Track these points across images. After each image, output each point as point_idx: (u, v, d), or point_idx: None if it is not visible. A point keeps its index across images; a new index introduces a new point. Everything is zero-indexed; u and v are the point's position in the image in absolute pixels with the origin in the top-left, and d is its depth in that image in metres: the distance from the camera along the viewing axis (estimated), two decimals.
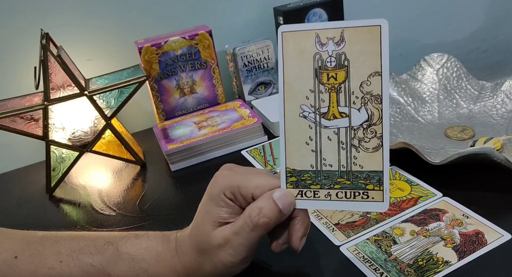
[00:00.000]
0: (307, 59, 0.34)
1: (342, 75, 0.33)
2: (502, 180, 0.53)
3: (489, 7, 1.04)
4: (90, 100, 0.63)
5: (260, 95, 0.83)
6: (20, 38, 0.72)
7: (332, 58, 0.33)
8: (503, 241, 0.45)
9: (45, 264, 0.39)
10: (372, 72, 0.33)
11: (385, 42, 0.32)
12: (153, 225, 0.56)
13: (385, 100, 0.33)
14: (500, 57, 1.11)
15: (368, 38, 0.32)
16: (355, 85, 0.33)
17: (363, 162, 0.34)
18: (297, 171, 0.35)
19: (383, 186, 0.34)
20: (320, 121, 0.34)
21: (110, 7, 0.75)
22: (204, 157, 0.68)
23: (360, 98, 0.33)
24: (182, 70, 0.75)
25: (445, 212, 0.50)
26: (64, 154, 0.67)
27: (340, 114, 0.34)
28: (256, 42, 0.79)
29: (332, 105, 0.34)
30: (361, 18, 0.93)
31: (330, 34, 0.33)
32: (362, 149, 0.34)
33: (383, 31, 0.32)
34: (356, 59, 0.33)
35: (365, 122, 0.33)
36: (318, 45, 0.33)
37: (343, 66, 0.33)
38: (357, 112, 0.33)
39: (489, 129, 0.65)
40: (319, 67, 0.34)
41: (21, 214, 0.63)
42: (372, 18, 0.32)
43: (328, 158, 0.34)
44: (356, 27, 0.32)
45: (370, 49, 0.32)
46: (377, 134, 0.33)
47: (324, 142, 0.34)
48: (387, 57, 0.32)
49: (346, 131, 0.34)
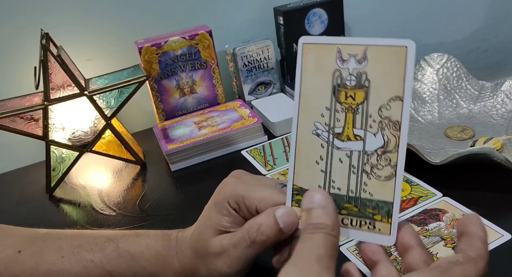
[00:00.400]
0: (326, 74, 0.32)
1: (361, 96, 0.31)
2: (502, 180, 0.53)
3: (489, 7, 1.04)
4: (90, 100, 0.63)
5: (260, 95, 0.83)
6: (20, 38, 0.72)
7: (353, 76, 0.31)
8: (503, 241, 0.45)
9: (47, 259, 0.40)
10: (393, 96, 0.30)
11: (411, 65, 0.30)
12: (153, 225, 0.56)
13: (404, 128, 0.30)
14: (500, 57, 1.11)
15: (393, 59, 0.30)
16: (374, 108, 0.31)
17: (374, 190, 0.32)
18: (304, 190, 0.33)
19: (392, 219, 0.31)
20: (333, 142, 0.32)
21: (110, 7, 0.75)
22: (204, 157, 0.68)
23: (378, 122, 0.31)
24: (182, 70, 0.75)
25: (445, 212, 0.50)
26: (64, 154, 0.67)
27: (355, 136, 0.32)
28: (256, 42, 0.79)
29: (347, 126, 0.32)
30: (361, 18, 0.94)
31: (353, 51, 0.31)
32: (373, 176, 0.32)
33: (409, 53, 0.30)
34: (378, 80, 0.30)
35: (380, 148, 0.31)
36: (339, 61, 0.31)
37: (363, 86, 0.31)
38: (373, 136, 0.31)
39: (489, 129, 0.65)
40: (337, 84, 0.31)
41: (21, 214, 0.63)
42: (400, 38, 0.30)
43: (337, 181, 0.32)
44: (381, 45, 0.30)
45: (393, 71, 0.30)
46: (392, 163, 0.31)
47: (334, 164, 0.32)
48: (411, 81, 0.30)
49: (359, 155, 0.32)
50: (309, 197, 0.31)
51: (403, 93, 0.30)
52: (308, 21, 0.81)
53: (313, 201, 0.31)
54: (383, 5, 0.94)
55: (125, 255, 0.40)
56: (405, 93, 0.30)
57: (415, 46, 0.29)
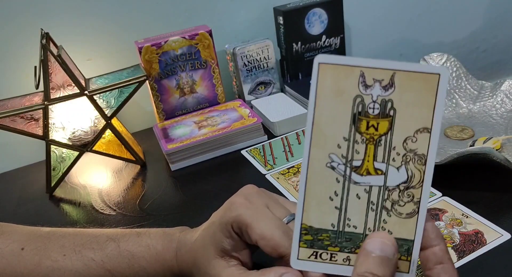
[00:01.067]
0: (345, 100, 0.28)
1: (384, 126, 0.28)
2: (502, 179, 0.53)
3: (489, 7, 1.04)
4: (90, 99, 0.63)
5: (260, 95, 0.83)
6: (20, 38, 0.72)
7: (376, 104, 0.28)
8: (503, 240, 0.45)
9: (49, 256, 0.40)
10: (421, 128, 0.28)
11: (442, 94, 0.27)
12: (153, 224, 0.56)
13: (430, 162, 0.28)
14: (500, 57, 1.11)
15: (423, 87, 0.27)
16: (398, 139, 0.28)
17: (393, 228, 0.29)
18: (314, 229, 0.30)
19: (411, 257, 0.29)
20: (351, 176, 0.29)
21: (110, 7, 0.75)
22: (204, 157, 0.68)
23: (402, 155, 0.28)
24: (182, 70, 0.75)
25: (444, 211, 0.50)
26: (64, 154, 0.67)
27: (376, 170, 0.29)
28: (256, 42, 0.79)
29: (367, 159, 0.29)
30: (361, 18, 0.94)
31: (378, 75, 0.28)
32: (394, 213, 0.29)
33: (442, 81, 0.27)
34: (405, 109, 0.28)
35: (402, 184, 0.29)
36: (362, 86, 0.28)
37: (388, 115, 0.28)
38: (396, 171, 0.29)
39: (488, 128, 0.65)
40: (358, 112, 0.28)
41: (21, 214, 0.63)
42: (435, 65, 0.28)
43: (353, 219, 0.30)
44: (411, 71, 0.28)
45: (423, 101, 0.28)
46: (415, 199, 0.29)
47: (351, 200, 0.29)
48: (441, 112, 0.28)
49: (379, 190, 0.29)
50: (378, 243, 0.28)
51: (432, 125, 0.28)
52: (308, 21, 0.81)
53: (383, 249, 0.27)
54: (383, 5, 0.94)
55: (125, 255, 0.40)
56: (434, 124, 0.28)
57: (449, 74, 0.28)
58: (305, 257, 0.30)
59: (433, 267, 0.27)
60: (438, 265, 0.27)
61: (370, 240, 0.28)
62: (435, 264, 0.27)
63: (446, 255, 0.27)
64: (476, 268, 0.42)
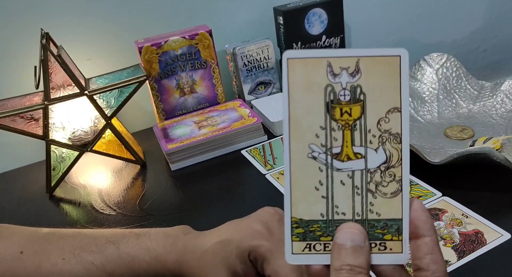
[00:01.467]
0: (317, 91, 0.29)
1: (357, 111, 0.29)
2: (502, 179, 0.53)
3: (489, 7, 1.04)
4: (90, 99, 0.63)
5: (260, 95, 0.83)
6: (20, 38, 0.72)
7: (346, 91, 0.29)
8: (503, 240, 0.45)
9: (49, 259, 0.40)
10: (391, 108, 0.29)
11: (405, 74, 0.29)
12: (153, 224, 0.56)
13: (405, 140, 0.29)
14: (500, 57, 1.11)
15: (386, 70, 0.29)
16: (372, 122, 0.29)
17: (381, 209, 0.30)
18: (304, 221, 0.30)
19: (402, 236, 0.30)
20: (332, 163, 0.30)
21: (110, 7, 0.75)
22: (204, 157, 0.68)
23: (378, 136, 0.29)
24: (182, 69, 0.75)
25: (444, 211, 0.50)
26: (64, 154, 0.67)
27: (355, 154, 0.30)
28: (256, 42, 0.79)
29: (346, 145, 0.30)
30: (361, 18, 0.94)
31: (344, 64, 0.29)
32: (379, 194, 0.30)
33: (403, 62, 0.29)
34: (373, 92, 0.29)
35: (383, 164, 0.30)
36: (330, 76, 0.29)
37: (359, 100, 0.29)
38: (374, 152, 0.30)
39: (488, 128, 0.65)
40: (331, 100, 0.29)
41: (21, 214, 0.63)
42: (392, 47, 0.28)
43: (341, 206, 0.30)
44: (373, 56, 0.29)
45: (389, 82, 0.29)
46: (396, 178, 0.29)
47: (336, 187, 0.30)
48: (407, 91, 0.29)
49: (361, 174, 0.30)
50: (347, 234, 0.28)
51: (401, 104, 0.29)
52: (308, 21, 0.81)
53: (353, 239, 0.28)
54: (383, 5, 0.94)
55: (125, 257, 0.40)
56: (403, 103, 0.29)
57: (408, 55, 0.28)
58: (299, 250, 0.31)
59: (423, 257, 0.28)
60: (428, 255, 0.28)
61: (338, 233, 0.29)
62: (426, 254, 0.28)
63: (437, 246, 0.28)
64: (476, 268, 0.42)
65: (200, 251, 0.39)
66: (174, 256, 0.40)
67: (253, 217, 0.40)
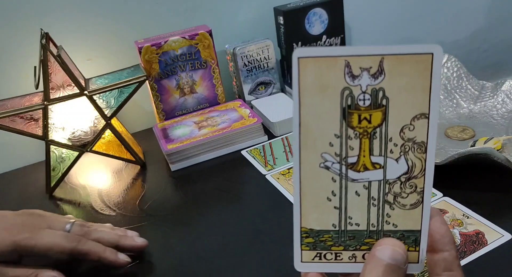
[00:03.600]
0: (332, 95, 0.26)
1: (378, 117, 0.26)
2: (502, 180, 0.53)
3: (490, 7, 1.04)
4: (90, 100, 0.63)
5: (260, 95, 0.83)
6: (20, 38, 0.72)
7: (367, 95, 0.26)
8: (504, 241, 0.45)
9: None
10: (417, 114, 0.26)
11: (437, 75, 0.25)
12: (153, 225, 0.56)
13: (430, 149, 0.26)
14: (501, 57, 1.11)
15: (416, 69, 0.25)
16: (394, 130, 0.26)
17: (398, 220, 0.28)
18: (315, 232, 0.29)
19: (420, 247, 0.28)
20: (347, 173, 0.27)
21: (110, 6, 0.75)
22: (204, 157, 0.68)
23: (400, 146, 0.27)
24: (182, 70, 0.75)
25: (445, 212, 0.50)
26: (64, 154, 0.67)
27: (373, 165, 0.27)
28: (256, 42, 0.79)
29: (363, 154, 0.27)
30: (361, 18, 0.94)
31: (365, 63, 0.25)
32: (397, 206, 0.28)
33: (436, 60, 0.25)
34: (398, 96, 0.26)
35: (403, 175, 0.27)
36: (349, 78, 0.26)
37: (380, 105, 0.26)
38: (395, 162, 0.27)
39: (489, 129, 0.65)
40: (348, 106, 0.26)
41: None
42: (425, 43, 0.25)
43: (355, 217, 0.28)
44: (401, 54, 0.25)
45: (417, 85, 0.25)
46: (418, 189, 0.27)
47: (350, 198, 0.28)
48: (438, 95, 0.25)
49: (379, 185, 0.27)
50: (389, 250, 0.27)
51: (429, 109, 0.26)
52: (308, 21, 0.80)
53: (394, 257, 0.26)
54: (383, 5, 0.94)
55: None
56: (431, 108, 0.26)
57: (442, 52, 0.25)
58: (309, 259, 0.29)
59: (441, 274, 0.26)
60: (447, 272, 0.26)
61: (380, 247, 0.27)
62: (444, 271, 0.26)
63: (456, 262, 0.27)
64: (477, 268, 0.42)
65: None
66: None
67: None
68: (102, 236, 0.48)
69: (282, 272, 0.45)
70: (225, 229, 0.53)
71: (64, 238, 0.45)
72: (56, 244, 0.44)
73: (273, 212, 0.55)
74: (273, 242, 0.50)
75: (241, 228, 0.53)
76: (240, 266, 0.48)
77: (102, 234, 0.49)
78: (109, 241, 0.48)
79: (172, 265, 0.49)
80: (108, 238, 0.48)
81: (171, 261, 0.50)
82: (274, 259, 0.47)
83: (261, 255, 0.48)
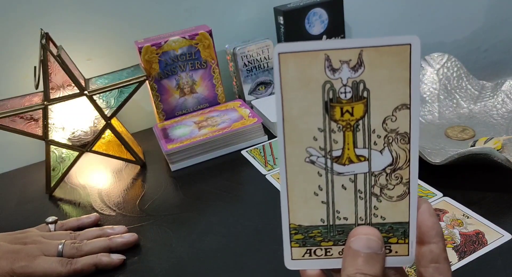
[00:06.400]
0: (314, 89, 0.26)
1: (360, 109, 0.26)
2: (502, 180, 0.53)
3: (490, 7, 1.04)
4: (90, 100, 0.63)
5: (260, 95, 0.83)
6: (20, 38, 0.72)
7: (347, 87, 0.26)
8: (504, 241, 0.45)
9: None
10: (399, 105, 0.26)
11: (416, 66, 0.25)
12: (153, 225, 0.56)
13: (413, 139, 0.27)
14: (501, 57, 1.11)
15: (395, 61, 0.26)
16: (377, 121, 0.26)
17: (386, 213, 0.28)
18: (303, 228, 0.29)
19: (409, 239, 0.28)
20: (332, 167, 0.27)
21: (110, 6, 0.75)
22: (204, 157, 0.68)
23: (383, 137, 0.27)
24: (182, 70, 0.75)
25: (445, 212, 0.50)
26: (64, 154, 0.67)
27: (358, 157, 0.27)
28: (256, 42, 0.79)
29: (347, 147, 0.27)
30: (361, 18, 0.94)
31: (345, 56, 0.26)
32: (384, 198, 0.28)
33: (414, 51, 0.25)
34: (379, 88, 0.26)
35: (388, 166, 0.27)
36: (329, 71, 0.26)
37: (362, 98, 0.26)
38: (379, 154, 0.27)
39: (489, 129, 0.65)
40: (330, 99, 0.26)
41: (21, 214, 0.63)
42: (401, 35, 0.26)
43: (343, 211, 0.28)
44: (379, 46, 0.26)
45: (396, 76, 0.26)
46: (403, 180, 0.27)
47: (337, 192, 0.28)
48: (417, 85, 0.26)
49: (365, 177, 0.28)
50: (363, 240, 0.27)
51: (410, 100, 0.26)
52: (308, 21, 0.80)
53: (370, 246, 0.27)
54: (383, 5, 0.94)
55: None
56: (412, 99, 0.26)
57: (420, 42, 0.25)
58: (299, 256, 0.30)
59: (428, 265, 0.26)
60: (433, 264, 0.26)
61: (354, 238, 0.27)
62: (430, 263, 0.26)
63: (443, 254, 0.27)
64: (477, 268, 0.42)
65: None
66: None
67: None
68: (93, 247, 0.50)
69: (282, 271, 0.45)
70: (225, 229, 0.53)
71: (58, 264, 0.47)
72: (53, 270, 0.47)
73: (273, 212, 0.55)
74: (273, 242, 0.50)
75: (241, 228, 0.53)
76: (240, 265, 0.48)
77: (92, 245, 0.50)
78: (100, 249, 0.50)
79: (172, 265, 0.49)
80: (99, 246, 0.51)
81: (171, 261, 0.50)
82: (274, 259, 0.47)
83: (261, 255, 0.48)
